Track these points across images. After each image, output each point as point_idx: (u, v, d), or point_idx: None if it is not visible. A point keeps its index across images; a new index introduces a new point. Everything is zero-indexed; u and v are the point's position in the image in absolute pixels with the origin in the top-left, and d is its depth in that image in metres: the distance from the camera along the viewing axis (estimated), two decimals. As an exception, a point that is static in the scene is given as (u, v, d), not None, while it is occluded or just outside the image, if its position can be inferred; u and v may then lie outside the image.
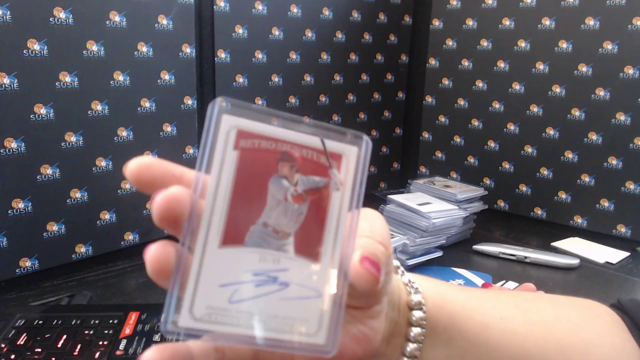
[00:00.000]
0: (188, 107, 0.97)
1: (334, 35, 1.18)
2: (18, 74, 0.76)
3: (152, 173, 0.24)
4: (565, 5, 1.10)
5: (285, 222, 0.24)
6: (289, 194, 0.25)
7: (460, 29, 1.27)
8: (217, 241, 0.23)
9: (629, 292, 0.86)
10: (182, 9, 0.93)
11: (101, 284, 0.83)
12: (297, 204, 0.25)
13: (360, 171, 0.26)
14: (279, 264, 0.24)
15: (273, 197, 0.24)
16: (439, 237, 0.97)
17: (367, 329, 0.29)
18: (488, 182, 1.28)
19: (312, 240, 0.25)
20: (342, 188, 0.25)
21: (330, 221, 0.25)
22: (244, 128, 0.24)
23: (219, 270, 0.23)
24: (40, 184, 0.81)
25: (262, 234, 0.24)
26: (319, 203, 0.25)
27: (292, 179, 0.25)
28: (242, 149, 0.24)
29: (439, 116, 1.34)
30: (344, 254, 0.25)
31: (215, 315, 0.23)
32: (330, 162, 0.25)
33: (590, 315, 0.41)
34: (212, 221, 0.23)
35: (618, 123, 1.06)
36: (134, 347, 0.60)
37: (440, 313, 0.34)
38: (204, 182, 0.23)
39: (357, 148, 0.26)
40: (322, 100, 1.20)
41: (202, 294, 0.23)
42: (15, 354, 0.58)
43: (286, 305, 0.24)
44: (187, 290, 0.23)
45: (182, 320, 0.23)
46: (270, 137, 0.24)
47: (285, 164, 0.24)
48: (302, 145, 0.25)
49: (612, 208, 1.09)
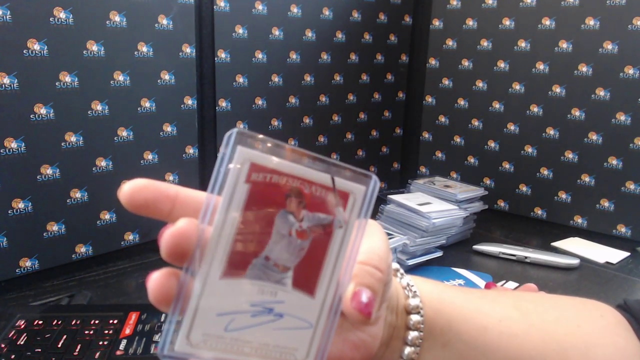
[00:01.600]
0: (188, 107, 0.97)
1: (334, 35, 1.18)
2: (18, 74, 0.76)
3: (145, 196, 0.25)
4: (565, 5, 1.10)
5: (286, 257, 0.25)
6: (293, 230, 0.25)
7: (461, 29, 1.27)
8: (219, 272, 0.24)
9: (629, 292, 0.86)
10: (182, 9, 0.93)
11: (101, 284, 0.83)
12: (300, 240, 0.25)
13: (365, 209, 0.26)
14: (276, 297, 0.25)
15: (278, 232, 0.25)
16: (439, 237, 0.97)
17: (365, 335, 0.30)
18: (488, 182, 1.28)
19: (310, 275, 0.26)
20: (345, 225, 0.26)
21: (330, 258, 0.26)
22: (257, 162, 0.24)
23: (218, 300, 0.24)
24: (40, 184, 0.81)
25: (263, 267, 0.25)
26: (321, 240, 0.26)
27: (298, 215, 0.25)
28: (254, 182, 0.24)
29: (439, 116, 1.34)
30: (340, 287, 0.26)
31: (211, 342, 0.24)
32: (337, 200, 0.25)
33: (592, 315, 0.41)
34: (216, 253, 0.24)
35: (618, 123, 1.06)
36: (134, 347, 0.60)
37: (438, 316, 0.34)
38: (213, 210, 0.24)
39: (364, 187, 0.26)
40: (322, 100, 1.20)
41: (199, 322, 0.24)
42: (15, 354, 0.58)
43: (278, 334, 0.25)
44: (186, 318, 0.24)
45: (178, 345, 0.24)
46: (282, 172, 0.24)
47: (293, 200, 0.25)
48: (312, 182, 0.25)
49: (612, 208, 1.09)
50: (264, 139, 0.24)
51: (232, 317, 0.24)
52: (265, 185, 0.24)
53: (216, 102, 1.02)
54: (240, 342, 0.25)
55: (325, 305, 0.26)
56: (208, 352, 0.24)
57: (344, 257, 0.26)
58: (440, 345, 0.34)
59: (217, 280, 0.24)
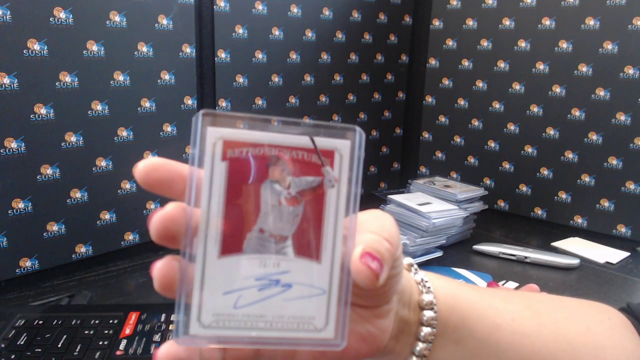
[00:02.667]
0: (188, 107, 0.97)
1: (334, 35, 1.18)
2: (18, 74, 0.76)
3: (160, 175, 0.25)
4: (565, 5, 1.10)
5: (281, 226, 0.25)
6: (282, 198, 0.25)
7: (460, 29, 1.27)
8: (215, 252, 0.24)
9: (629, 292, 0.86)
10: (182, 9, 0.93)
11: (101, 284, 0.83)
12: (291, 207, 0.25)
13: (356, 164, 0.25)
14: (280, 267, 0.25)
15: (267, 202, 0.24)
16: (439, 237, 0.97)
17: (374, 328, 0.29)
18: (488, 182, 1.28)
19: (311, 241, 0.25)
20: (337, 184, 0.25)
21: (328, 219, 0.25)
22: (230, 138, 0.24)
23: (221, 279, 0.24)
24: (41, 184, 0.81)
25: (260, 240, 0.25)
26: (315, 203, 0.25)
27: (284, 182, 0.25)
28: (230, 159, 0.24)
29: (439, 116, 1.34)
30: (346, 250, 0.26)
31: (223, 321, 0.24)
32: (322, 159, 0.25)
33: (600, 317, 0.41)
34: (208, 233, 0.24)
35: (618, 123, 1.06)
36: (134, 347, 0.60)
37: (451, 313, 0.34)
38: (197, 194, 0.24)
39: (349, 141, 0.25)
40: (322, 100, 1.20)
41: (207, 303, 0.24)
42: (15, 354, 0.58)
43: (291, 305, 0.25)
44: (194, 301, 0.24)
45: (192, 329, 0.24)
46: (257, 144, 0.24)
47: (275, 168, 0.24)
48: (291, 147, 0.24)
49: (612, 208, 1.09)
50: (232, 115, 0.24)
51: (239, 294, 0.24)
52: (243, 159, 0.24)
53: (216, 102, 1.02)
54: (253, 317, 0.24)
55: (334, 268, 0.25)
56: (222, 331, 0.24)
57: (342, 215, 0.25)
58: (453, 342, 0.34)
59: (216, 260, 0.24)
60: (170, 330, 0.63)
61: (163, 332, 0.63)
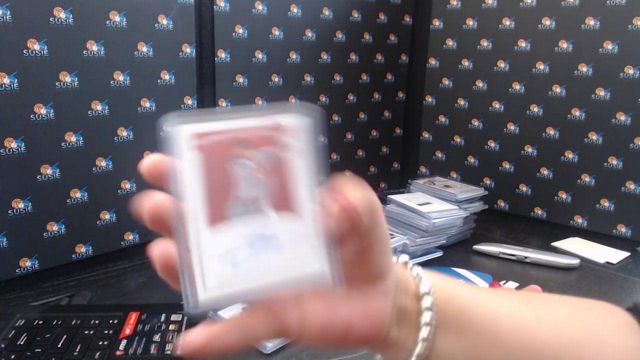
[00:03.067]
0: (188, 107, 0.97)
1: (334, 35, 1.18)
2: (18, 74, 0.76)
3: (165, 169, 0.28)
4: (565, 5, 1.10)
5: (256, 191, 0.28)
6: (252, 169, 0.28)
7: (460, 29, 1.27)
8: (204, 224, 0.27)
9: (630, 292, 0.86)
10: (182, 9, 0.93)
11: (101, 284, 0.83)
12: (261, 175, 0.28)
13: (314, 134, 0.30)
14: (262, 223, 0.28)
15: (239, 176, 0.28)
16: (439, 237, 0.97)
17: (374, 304, 0.31)
18: (488, 182, 1.28)
19: (287, 198, 0.29)
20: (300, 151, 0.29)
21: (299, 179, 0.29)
22: (199, 131, 0.28)
23: (214, 245, 0.27)
24: (40, 184, 0.81)
25: (241, 206, 0.28)
26: (283, 167, 0.29)
27: (251, 157, 0.28)
28: (201, 147, 0.28)
29: (439, 116, 1.34)
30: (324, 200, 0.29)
31: (226, 280, 0.27)
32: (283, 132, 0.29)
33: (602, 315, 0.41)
34: (196, 210, 0.27)
35: (618, 123, 1.06)
36: (134, 347, 0.60)
37: (449, 302, 0.34)
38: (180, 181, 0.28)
39: (305, 116, 0.29)
40: (322, 100, 1.20)
41: (208, 268, 0.27)
42: (15, 354, 0.58)
43: (282, 250, 0.28)
44: (195, 271, 0.27)
45: (200, 295, 0.27)
46: (224, 131, 0.28)
47: (241, 147, 0.28)
48: (254, 128, 0.29)
49: (612, 208, 1.09)
50: (199, 112, 0.28)
51: (233, 253, 0.27)
52: (212, 146, 0.28)
53: (216, 102, 1.02)
54: (250, 270, 0.27)
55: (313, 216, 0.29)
56: (227, 289, 0.27)
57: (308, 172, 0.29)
58: (454, 332, 0.34)
59: (205, 230, 0.27)
60: (170, 330, 0.63)
61: (163, 332, 0.63)
